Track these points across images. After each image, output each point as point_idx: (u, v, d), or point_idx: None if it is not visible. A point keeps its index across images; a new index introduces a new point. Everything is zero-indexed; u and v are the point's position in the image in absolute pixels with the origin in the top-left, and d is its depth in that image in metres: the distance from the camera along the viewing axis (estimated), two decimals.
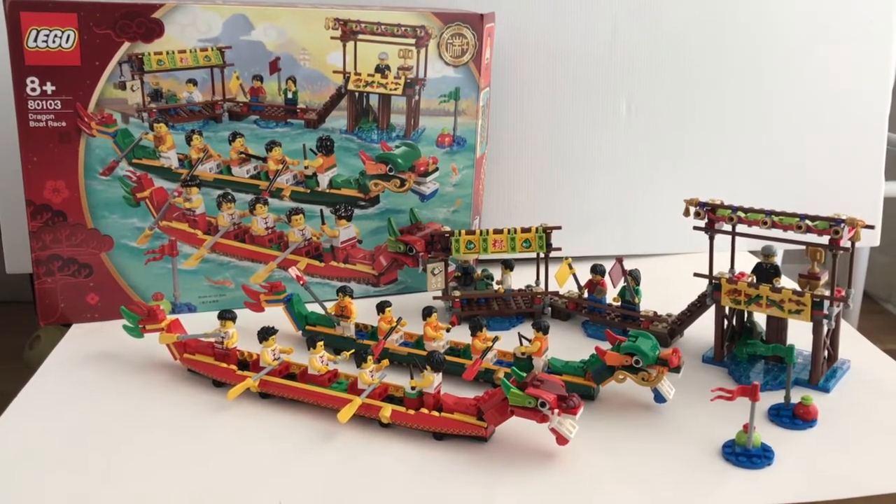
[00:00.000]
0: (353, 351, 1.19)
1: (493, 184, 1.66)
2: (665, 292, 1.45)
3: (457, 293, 1.43)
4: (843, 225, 1.11)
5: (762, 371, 1.22)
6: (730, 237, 1.23)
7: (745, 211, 1.18)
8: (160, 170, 1.38)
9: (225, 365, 1.20)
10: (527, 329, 1.39)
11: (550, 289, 1.45)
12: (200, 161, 1.39)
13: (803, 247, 1.17)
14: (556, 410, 1.02)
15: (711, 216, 1.21)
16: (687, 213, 1.23)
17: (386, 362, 1.15)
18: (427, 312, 1.26)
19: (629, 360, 1.13)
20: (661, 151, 1.70)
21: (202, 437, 1.09)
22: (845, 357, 1.25)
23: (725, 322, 1.26)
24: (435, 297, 1.45)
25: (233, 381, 1.18)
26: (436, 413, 1.08)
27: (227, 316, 1.21)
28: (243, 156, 1.41)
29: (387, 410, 1.09)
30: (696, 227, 1.23)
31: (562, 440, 1.03)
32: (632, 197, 1.71)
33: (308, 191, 1.46)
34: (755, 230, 1.19)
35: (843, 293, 1.16)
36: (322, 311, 1.33)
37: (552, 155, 1.68)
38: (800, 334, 1.23)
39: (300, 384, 1.15)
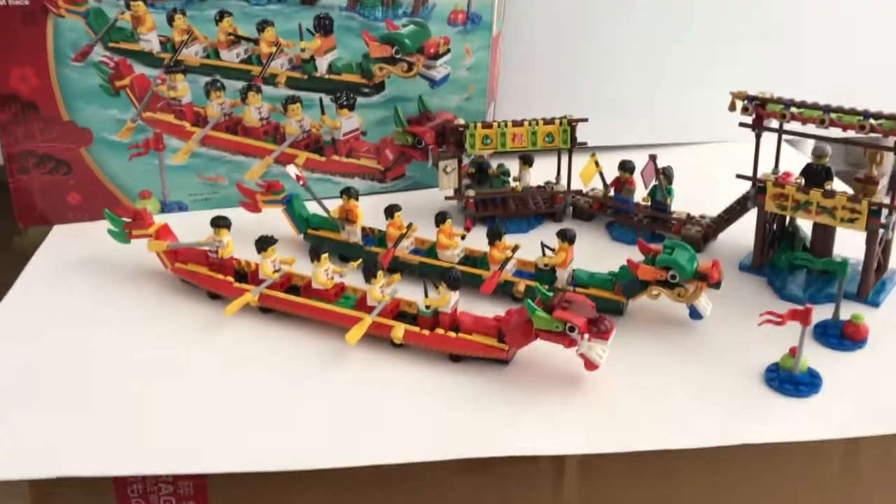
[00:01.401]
0: (360, 261, 1.09)
1: (510, 66, 1.51)
2: (699, 189, 1.33)
3: (471, 192, 1.31)
4: None
5: (805, 282, 1.12)
6: (776, 134, 1.10)
7: (799, 106, 1.05)
8: (140, 54, 1.23)
9: (221, 276, 1.10)
10: (549, 235, 1.29)
11: (573, 187, 1.33)
12: (185, 44, 1.24)
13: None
14: (586, 335, 0.93)
15: (760, 111, 1.08)
16: (733, 107, 1.10)
17: (397, 276, 1.05)
18: (440, 218, 1.15)
19: (664, 274, 1.03)
20: (697, 30, 1.54)
21: (197, 358, 1.01)
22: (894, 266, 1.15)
23: (766, 228, 1.15)
24: (447, 198, 1.33)
25: (230, 294, 1.08)
26: (452, 333, 0.99)
27: (220, 223, 1.09)
28: (232, 38, 1.26)
29: (399, 330, 0.99)
30: (742, 124, 1.10)
31: (591, 366, 0.94)
32: (663, 81, 1.56)
33: (305, 76, 1.32)
34: (808, 128, 1.06)
35: None
36: (325, 214, 1.22)
37: (576, 33, 1.52)
38: (842, 238, 1.12)
39: (304, 299, 1.05)
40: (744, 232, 1.21)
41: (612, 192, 1.31)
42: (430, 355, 1.00)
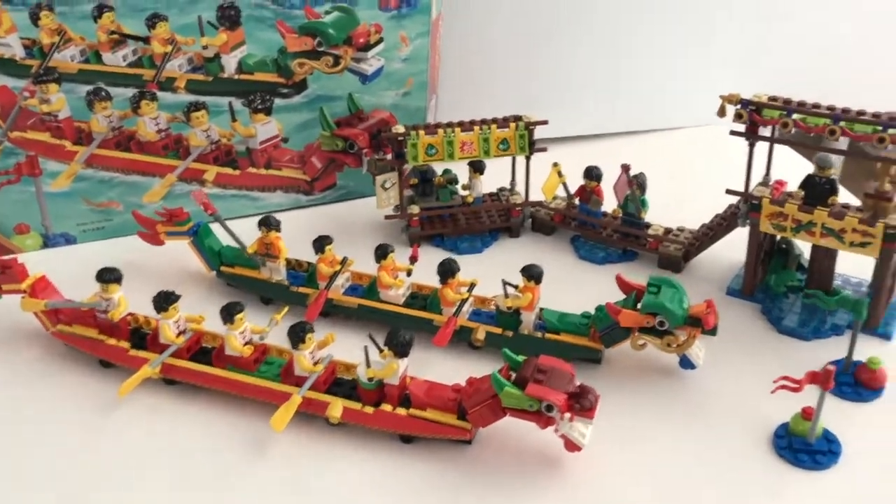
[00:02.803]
0: (285, 310, 0.90)
1: (453, 52, 1.31)
2: (677, 192, 1.17)
3: (414, 209, 1.12)
4: None
5: (803, 311, 0.97)
6: (770, 134, 0.94)
7: (804, 113, 0.88)
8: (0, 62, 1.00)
9: (114, 341, 0.89)
10: (507, 254, 1.12)
11: (532, 196, 1.15)
12: (56, 47, 1.01)
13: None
14: (567, 414, 0.76)
15: (756, 118, 0.91)
16: (723, 112, 0.92)
17: (331, 338, 0.86)
18: (381, 253, 0.96)
19: (651, 320, 0.86)
20: (656, 10, 1.35)
21: (84, 448, 0.82)
22: None
23: (760, 245, 0.99)
24: (387, 217, 1.14)
25: (124, 363, 0.88)
26: (402, 410, 0.81)
27: (108, 278, 0.89)
28: (116, 37, 1.04)
29: (336, 409, 0.81)
30: (733, 132, 0.93)
31: (572, 447, 0.78)
32: (627, 63, 1.38)
33: (210, 78, 1.10)
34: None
35: None
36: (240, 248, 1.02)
37: (526, 13, 1.32)
38: (844, 254, 0.97)
39: (216, 370, 0.86)
40: (728, 247, 1.06)
41: (576, 202, 1.14)
42: (377, 435, 0.83)
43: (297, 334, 0.83)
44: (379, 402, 0.82)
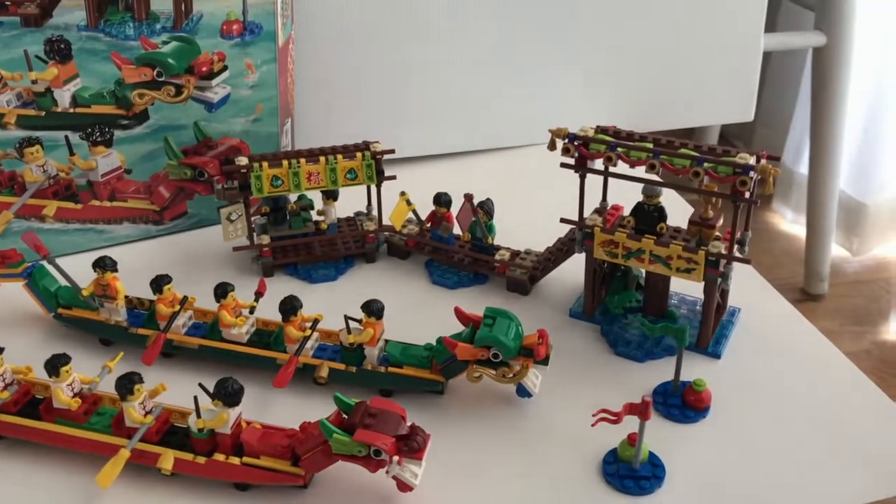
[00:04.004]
0: (120, 355, 0.88)
1: (307, 74, 1.29)
2: (523, 214, 1.19)
3: (265, 239, 1.11)
4: (751, 173, 0.86)
5: (641, 334, 1.01)
6: (603, 167, 0.97)
7: (627, 147, 0.91)
8: None
9: None
10: (363, 280, 1.12)
11: (385, 221, 1.15)
12: None
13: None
14: (396, 458, 0.77)
15: (584, 151, 0.93)
16: (553, 146, 0.95)
17: (162, 387, 0.85)
18: (220, 292, 0.95)
19: (485, 353, 0.88)
20: (511, 29, 1.37)
21: None
22: (733, 301, 1.05)
23: (596, 272, 1.02)
24: (235, 249, 1.12)
25: None
26: (235, 459, 0.80)
27: None
28: None
29: (168, 461, 0.80)
30: (563, 165, 0.96)
31: (404, 487, 0.79)
32: (475, 81, 1.39)
33: (42, 113, 1.06)
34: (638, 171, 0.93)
35: (739, 239, 0.94)
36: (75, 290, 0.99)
37: (376, 31, 1.32)
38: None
39: (44, 424, 0.83)
40: (573, 270, 1.08)
41: (427, 226, 1.15)
42: (211, 484, 0.82)
43: (125, 386, 0.81)
44: (212, 451, 0.81)
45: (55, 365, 0.83)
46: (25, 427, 0.84)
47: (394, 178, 1.11)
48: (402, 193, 1.11)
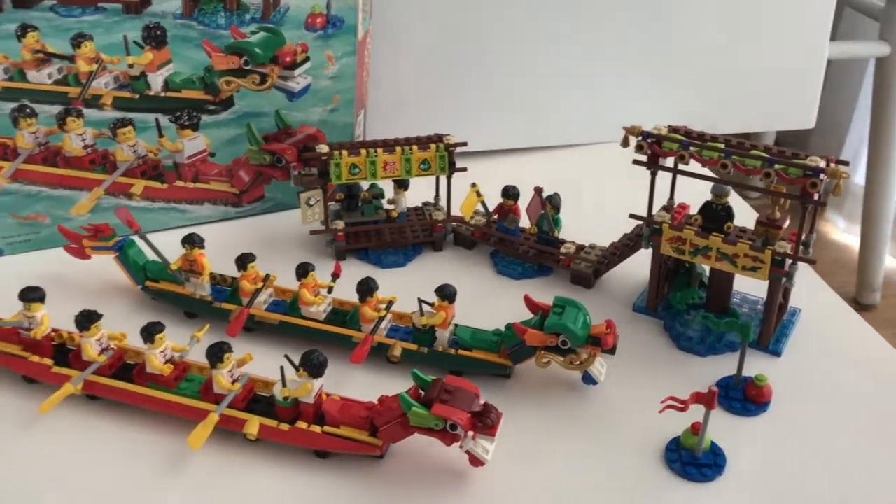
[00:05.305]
0: (206, 327, 0.93)
1: (380, 67, 1.34)
2: (590, 209, 1.22)
3: (340, 224, 1.16)
4: (821, 176, 0.88)
5: (702, 331, 1.03)
6: (673, 165, 1.00)
7: (700, 146, 0.94)
8: None
9: (37, 358, 0.91)
10: (429, 267, 1.16)
11: (453, 212, 1.19)
12: None
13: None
14: (471, 432, 0.81)
15: (657, 150, 0.97)
16: (626, 143, 0.98)
17: (249, 356, 0.90)
18: (301, 272, 0.99)
19: (554, 340, 0.92)
20: (583, 30, 1.40)
21: (5, 463, 0.84)
22: (794, 302, 1.07)
23: (662, 268, 1.05)
24: (312, 232, 1.17)
25: (47, 380, 0.91)
26: (317, 427, 0.85)
27: (31, 296, 0.91)
28: (41, 55, 1.05)
29: (253, 426, 0.85)
30: (636, 162, 0.99)
31: (476, 462, 0.83)
32: (545, 81, 1.43)
33: (136, 96, 1.12)
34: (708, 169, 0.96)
35: (804, 240, 0.96)
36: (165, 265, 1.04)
37: (451, 30, 1.36)
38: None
39: (137, 387, 0.89)
40: (638, 266, 1.11)
41: (494, 218, 1.19)
42: (293, 451, 0.86)
43: (216, 354, 0.86)
44: (295, 419, 0.86)
45: (150, 332, 0.88)
46: (120, 389, 0.89)
47: (464, 169, 1.15)
48: (473, 185, 1.15)
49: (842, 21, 2.22)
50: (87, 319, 0.89)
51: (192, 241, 1.01)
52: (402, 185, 1.19)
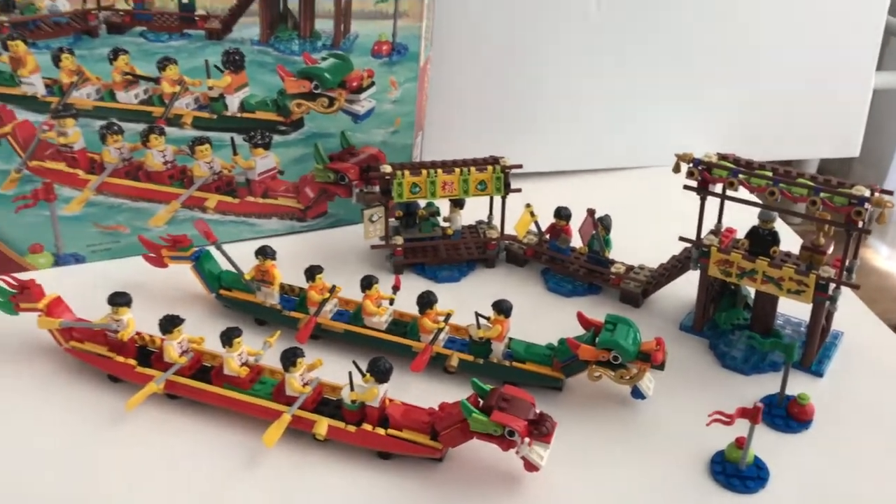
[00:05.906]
0: (277, 334, 1.00)
1: (438, 92, 1.41)
2: (640, 231, 1.27)
3: (399, 240, 1.22)
4: (866, 205, 0.93)
5: (746, 350, 1.08)
6: (721, 191, 1.04)
7: (748, 174, 0.99)
8: (23, 99, 1.09)
9: (122, 359, 0.99)
10: (482, 283, 1.22)
11: (506, 231, 1.25)
12: (75, 86, 1.10)
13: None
14: (527, 439, 0.86)
15: (706, 176, 1.02)
16: (677, 168, 1.03)
17: (319, 361, 0.96)
18: (366, 283, 1.06)
19: (606, 355, 0.97)
20: (632, 57, 1.46)
21: (93, 456, 0.91)
22: (836, 326, 1.11)
23: (709, 289, 1.10)
24: (373, 246, 1.24)
25: (132, 379, 0.98)
26: (381, 430, 0.91)
27: (119, 301, 0.98)
28: (129, 77, 1.13)
29: (322, 427, 0.91)
30: (686, 187, 1.04)
31: (531, 468, 0.88)
32: (595, 106, 1.49)
33: (214, 116, 1.20)
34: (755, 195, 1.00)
35: (848, 266, 1.00)
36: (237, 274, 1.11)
37: (507, 56, 1.42)
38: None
39: (214, 388, 0.95)
40: (685, 286, 1.16)
41: (547, 238, 1.24)
42: (357, 451, 0.92)
43: (289, 358, 0.92)
44: (360, 421, 0.92)
45: (229, 336, 0.95)
46: (199, 389, 0.96)
47: (519, 190, 1.20)
48: (528, 205, 1.21)
49: (888, 51, 2.25)
50: (170, 323, 0.96)
51: (265, 253, 1.08)
52: (457, 203, 1.26)
